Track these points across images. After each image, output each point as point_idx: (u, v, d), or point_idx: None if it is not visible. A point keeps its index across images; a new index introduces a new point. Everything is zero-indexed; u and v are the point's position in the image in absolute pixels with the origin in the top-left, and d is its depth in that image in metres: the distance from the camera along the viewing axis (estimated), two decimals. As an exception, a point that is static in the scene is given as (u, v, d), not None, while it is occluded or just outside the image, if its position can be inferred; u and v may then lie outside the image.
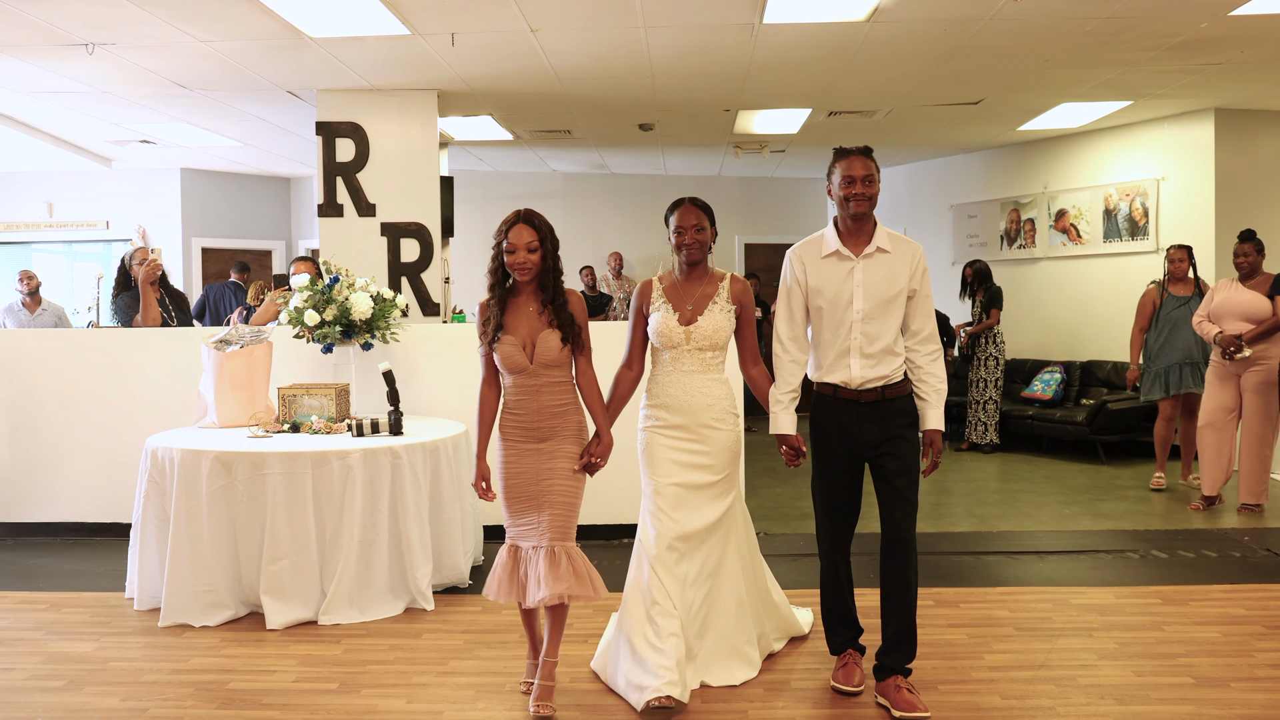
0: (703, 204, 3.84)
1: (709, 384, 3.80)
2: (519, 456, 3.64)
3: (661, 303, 3.82)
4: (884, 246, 3.62)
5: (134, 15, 5.49)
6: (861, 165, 3.59)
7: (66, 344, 6.55)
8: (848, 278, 3.61)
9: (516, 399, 3.64)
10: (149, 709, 3.74)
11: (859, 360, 3.60)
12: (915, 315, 3.66)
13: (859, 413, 3.62)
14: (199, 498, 4.76)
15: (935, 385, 3.66)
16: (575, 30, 5.95)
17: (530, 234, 3.56)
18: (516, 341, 3.58)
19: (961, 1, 5.49)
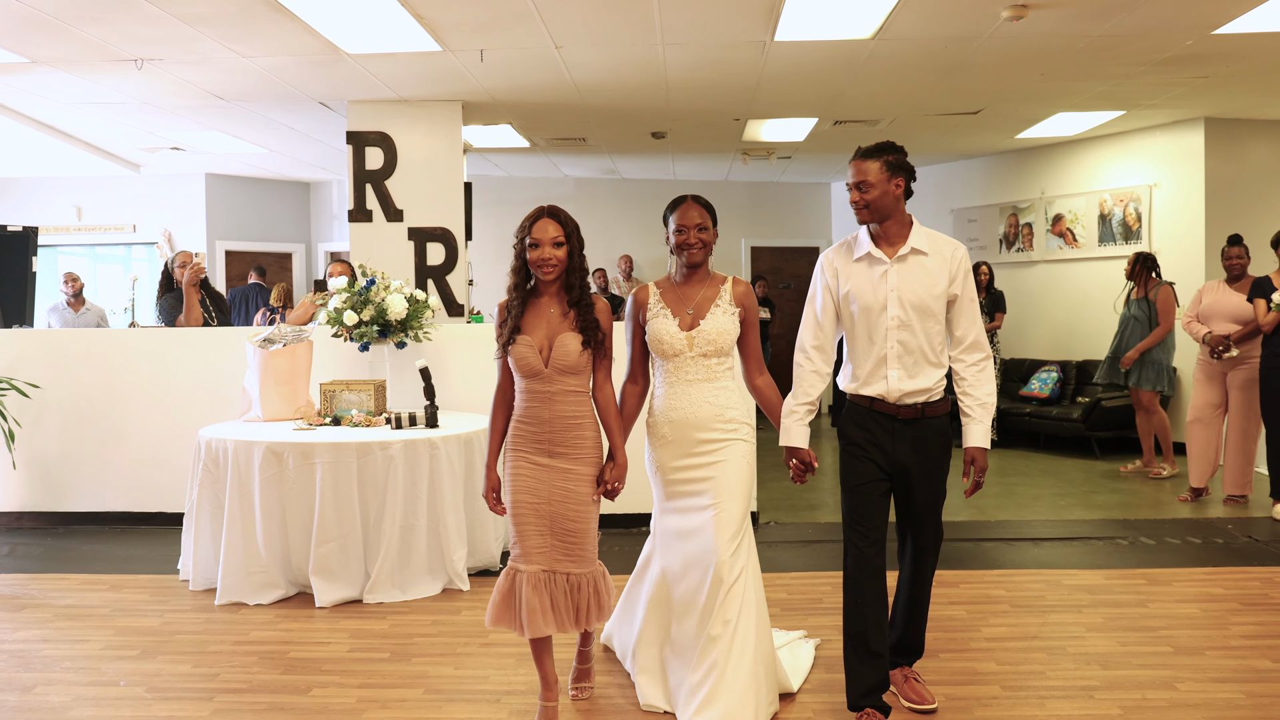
0: (705, 202, 3.59)
1: (717, 392, 3.53)
2: (529, 470, 3.41)
3: (659, 309, 3.57)
4: (920, 247, 3.35)
5: (185, 34, 5.85)
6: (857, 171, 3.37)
7: (113, 342, 6.91)
8: (881, 282, 3.35)
9: (528, 406, 3.42)
10: (220, 674, 4.09)
11: (896, 371, 3.34)
12: (958, 321, 3.39)
13: (895, 429, 3.38)
14: (252, 485, 5.12)
15: (980, 398, 3.39)
16: (597, 47, 6.31)
17: (556, 229, 3.37)
18: (533, 343, 3.37)
19: (961, 20, 5.85)
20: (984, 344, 3.41)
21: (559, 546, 3.39)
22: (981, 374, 3.40)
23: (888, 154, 3.35)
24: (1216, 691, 3.70)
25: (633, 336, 3.66)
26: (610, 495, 3.48)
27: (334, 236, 12.70)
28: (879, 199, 3.34)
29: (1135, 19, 5.80)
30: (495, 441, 3.52)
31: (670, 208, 3.62)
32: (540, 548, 3.39)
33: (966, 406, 3.40)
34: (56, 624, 4.76)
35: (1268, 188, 9.03)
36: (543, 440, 3.40)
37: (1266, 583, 5.08)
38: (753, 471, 3.58)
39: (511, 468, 3.44)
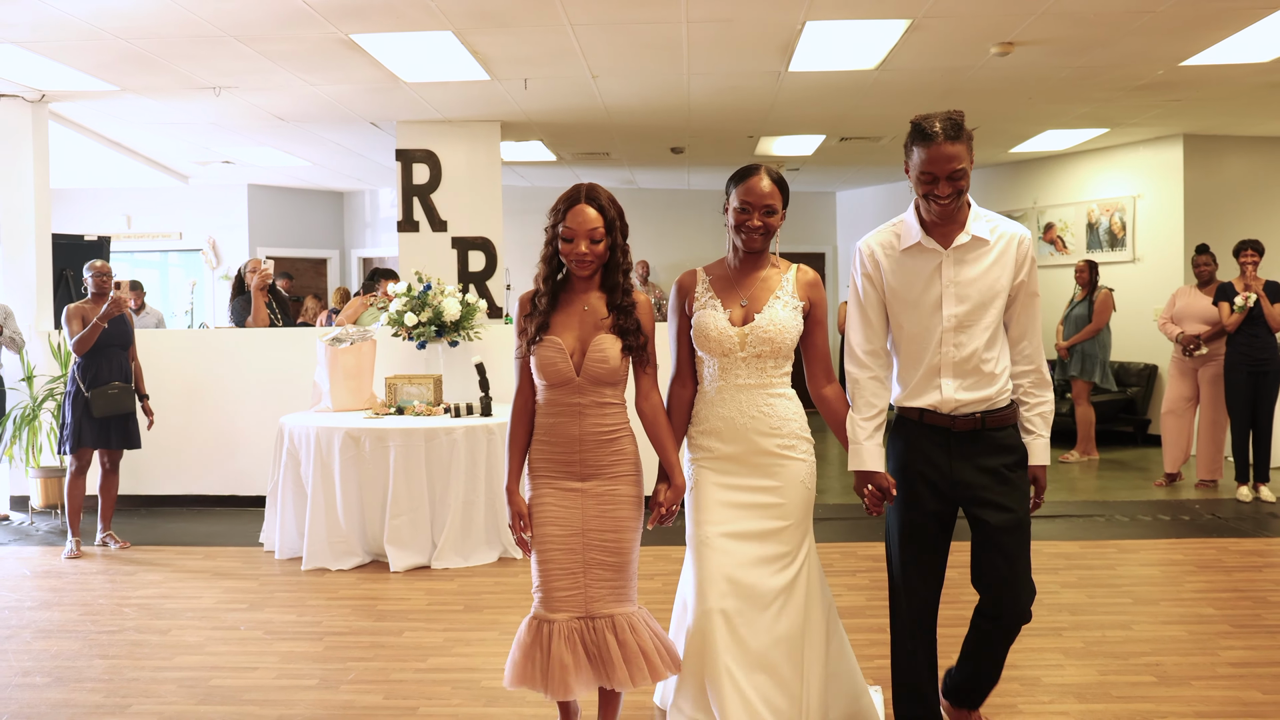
0: (779, 177, 3.01)
1: (772, 401, 2.99)
2: (555, 500, 2.92)
3: (708, 298, 3.02)
4: (981, 235, 2.85)
5: (263, 66, 6.58)
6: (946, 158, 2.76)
7: (190, 342, 7.65)
8: (934, 276, 2.86)
9: (553, 421, 2.92)
10: (321, 621, 4.82)
11: (952, 381, 2.87)
12: (1017, 320, 2.93)
13: (950, 445, 2.88)
14: (333, 466, 5.85)
15: (1040, 409, 2.95)
16: (629, 76, 7.04)
17: (595, 219, 2.87)
18: (563, 345, 2.89)
19: (956, 54, 6.56)
20: (1040, 348, 2.98)
21: (594, 584, 2.89)
22: (1040, 383, 2.95)
23: (968, 130, 2.81)
24: (1165, 630, 4.42)
25: (679, 330, 3.09)
26: (665, 520, 3.01)
27: (366, 243, 13.42)
28: (968, 186, 2.80)
29: (1110, 53, 6.52)
30: (517, 459, 2.99)
31: (736, 177, 3.00)
32: (571, 592, 2.89)
33: (1025, 419, 2.95)
34: (169, 584, 5.49)
35: (1243, 199, 9.74)
36: (572, 462, 2.91)
37: (1221, 551, 5.79)
38: (814, 488, 3.05)
39: (535, 499, 2.94)
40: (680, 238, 13.24)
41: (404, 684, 3.98)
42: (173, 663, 4.27)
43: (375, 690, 3.91)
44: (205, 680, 4.04)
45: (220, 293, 12.08)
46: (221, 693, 3.91)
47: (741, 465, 3.00)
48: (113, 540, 6.36)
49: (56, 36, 5.86)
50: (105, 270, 6.28)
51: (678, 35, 6.03)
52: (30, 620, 4.88)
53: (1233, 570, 5.39)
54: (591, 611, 2.91)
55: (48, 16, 5.47)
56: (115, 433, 6.22)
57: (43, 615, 4.96)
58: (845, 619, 4.62)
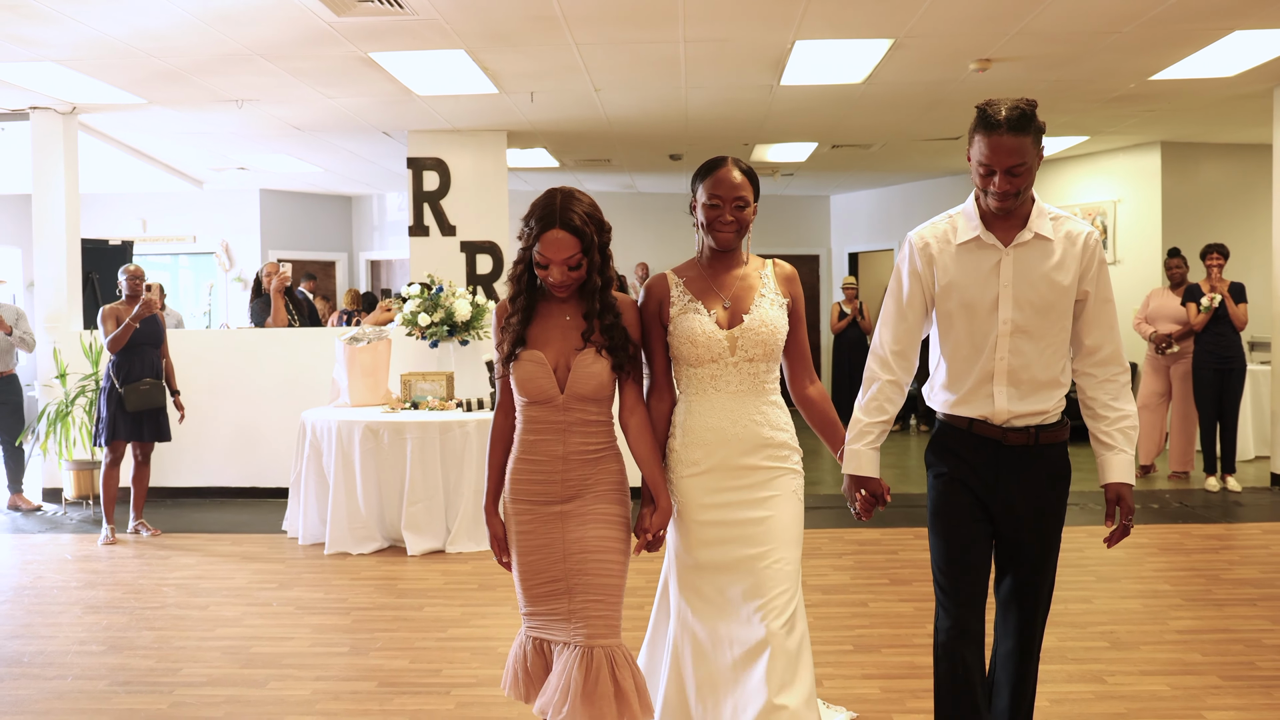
0: (747, 168, 2.80)
1: (764, 409, 2.80)
2: (537, 523, 2.71)
3: (686, 301, 2.80)
4: (1044, 232, 2.62)
5: (285, 81, 6.98)
6: (1007, 150, 2.52)
7: (214, 342, 8.05)
8: (992, 274, 2.64)
9: (535, 439, 2.71)
10: (346, 599, 5.22)
11: (1006, 390, 2.66)
12: (1091, 328, 2.68)
13: (999, 458, 2.68)
14: (353, 457, 6.25)
15: (1121, 423, 2.68)
16: (631, 90, 7.44)
17: (570, 244, 2.61)
18: (544, 361, 2.68)
19: (938, 69, 6.97)
20: (1122, 356, 2.72)
21: (579, 612, 2.69)
22: (1120, 394, 2.69)
23: (1036, 123, 2.54)
24: (1122, 603, 4.82)
25: (652, 339, 2.86)
26: (652, 546, 2.79)
27: (374, 246, 13.83)
28: (1031, 183, 2.57)
29: (1082, 68, 6.93)
30: (495, 479, 2.81)
31: (702, 171, 2.81)
32: (554, 616, 2.72)
33: (1103, 433, 2.69)
34: (202, 567, 5.89)
35: (1218, 204, 10.15)
36: (554, 482, 2.69)
37: (1184, 535, 6.20)
38: (802, 509, 2.83)
39: (516, 521, 2.74)
40: (679, 240, 13.60)
41: (427, 650, 4.38)
42: (214, 634, 4.67)
43: (401, 656, 4.31)
44: (246, 648, 4.44)
45: (234, 295, 12.50)
46: (262, 658, 4.31)
47: (730, 479, 2.76)
48: (144, 528, 6.76)
49: (94, 55, 6.26)
50: (139, 273, 6.68)
51: (676, 53, 6.44)
52: (78, 598, 5.29)
53: (1192, 552, 5.80)
54: (575, 640, 2.68)
55: (88, 37, 5.87)
56: (148, 426, 6.61)
57: (89, 594, 5.37)
58: (830, 594, 5.05)
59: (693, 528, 2.78)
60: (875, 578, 5.35)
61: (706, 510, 2.77)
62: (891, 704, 3.67)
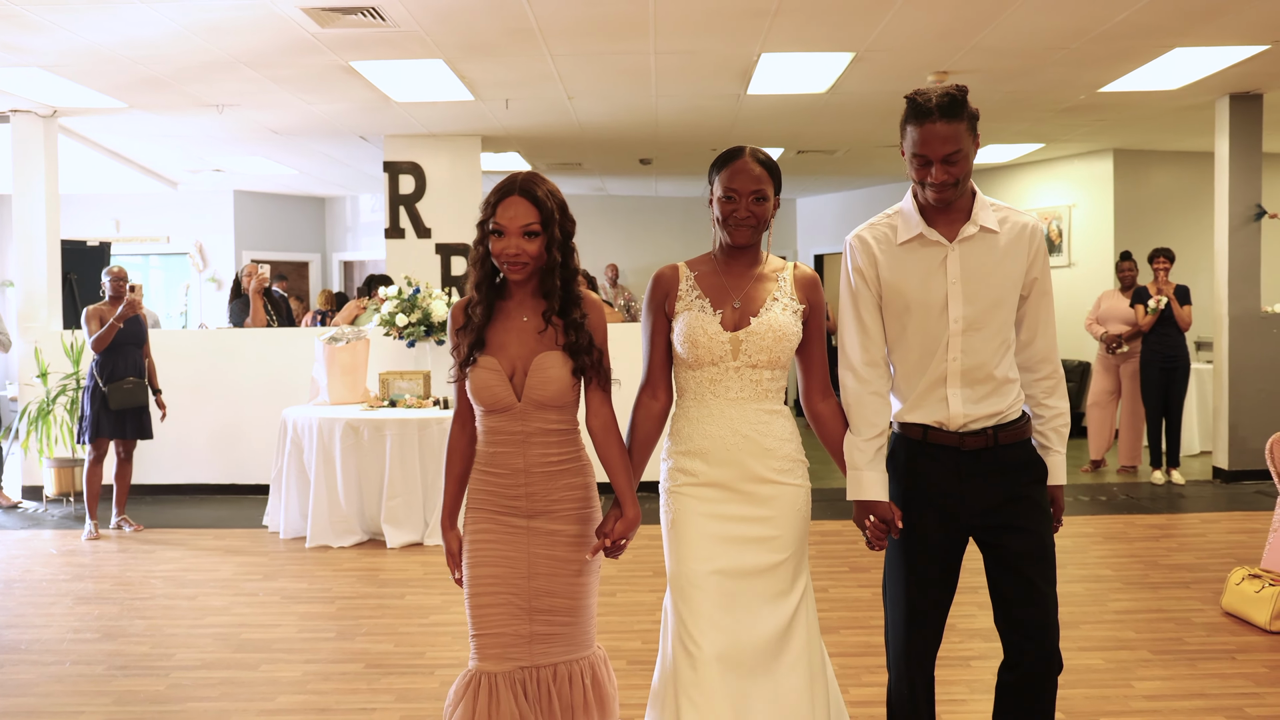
0: (767, 160, 2.65)
1: (767, 419, 2.63)
2: (497, 538, 2.55)
3: (694, 297, 2.65)
4: (989, 225, 2.53)
5: (266, 88, 7.16)
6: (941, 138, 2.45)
7: (193, 342, 8.21)
8: (938, 272, 2.54)
9: (494, 451, 2.56)
10: (330, 589, 5.43)
11: (960, 391, 2.54)
12: (1028, 320, 2.60)
13: (960, 465, 2.55)
14: (334, 453, 6.45)
15: (1055, 422, 2.63)
16: (602, 98, 7.69)
17: (529, 211, 2.48)
18: (500, 366, 2.53)
19: (898, 80, 7.25)
20: (1055, 352, 2.65)
21: (542, 634, 2.54)
22: (1055, 392, 2.63)
23: (968, 109, 2.50)
24: (1065, 587, 5.06)
25: (653, 332, 2.71)
26: (612, 553, 2.63)
27: (346, 247, 13.98)
28: (969, 171, 2.51)
29: (1035, 81, 7.25)
30: (452, 492, 2.68)
31: (720, 162, 2.66)
32: (513, 640, 2.53)
33: (1038, 433, 2.64)
34: (186, 560, 6.08)
35: (1168, 209, 10.54)
36: (517, 495, 2.54)
37: (1128, 525, 6.54)
38: (809, 515, 2.70)
39: (474, 533, 2.58)
40: (648, 242, 13.91)
41: (410, 635, 4.60)
42: (204, 621, 4.87)
43: (386, 640, 4.53)
44: (236, 635, 4.65)
45: (208, 295, 12.62)
46: (253, 644, 4.51)
47: (730, 491, 2.60)
48: (127, 524, 6.92)
49: (80, 61, 6.42)
50: (122, 275, 6.84)
51: (647, 64, 6.69)
52: (68, 590, 5.46)
53: (1135, 541, 6.13)
54: (535, 662, 2.54)
55: (76, 45, 6.04)
56: (130, 424, 6.78)
57: (78, 586, 5.54)
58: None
59: (691, 541, 2.60)
60: (836, 566, 5.62)
61: (705, 523, 2.60)
62: (848, 679, 3.93)
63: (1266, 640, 4.34)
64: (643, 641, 4.40)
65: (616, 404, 2.64)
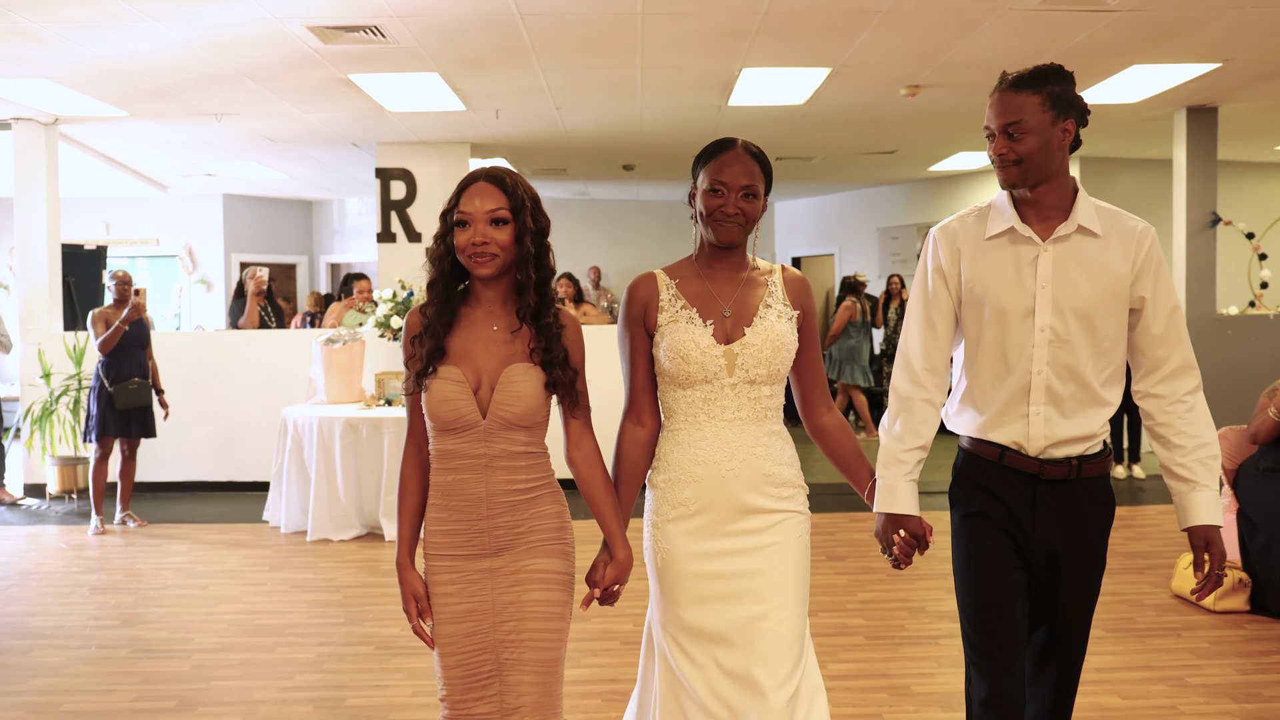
0: (758, 152, 2.47)
1: (766, 440, 2.40)
2: (461, 583, 2.28)
3: (679, 308, 2.41)
4: (1089, 225, 2.31)
5: (265, 98, 7.42)
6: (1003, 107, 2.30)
7: (192, 343, 8.48)
8: (1027, 273, 2.32)
9: (452, 479, 2.26)
10: (335, 578, 5.71)
11: (1044, 409, 2.31)
12: (1154, 337, 2.33)
13: (1037, 495, 2.33)
14: (333, 450, 6.72)
15: (1200, 453, 2.31)
16: (589, 109, 8.00)
17: (495, 197, 2.23)
18: (463, 378, 2.24)
19: (872, 94, 7.60)
20: (1194, 370, 2.36)
21: (511, 691, 2.26)
22: (1194, 413, 2.33)
23: (1052, 83, 2.28)
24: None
25: (633, 350, 2.46)
26: (605, 600, 2.40)
27: (334, 249, 14.23)
28: (1038, 151, 2.27)
29: (1002, 94, 7.60)
30: (408, 525, 2.38)
31: (705, 154, 2.46)
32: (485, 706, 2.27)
33: (1179, 465, 2.32)
34: (194, 553, 6.34)
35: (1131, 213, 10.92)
36: (479, 531, 2.26)
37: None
38: (809, 558, 2.48)
39: (433, 586, 2.31)
40: (630, 245, 14.23)
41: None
42: (218, 609, 5.14)
43: (393, 625, 4.82)
44: (250, 620, 4.93)
45: (198, 297, 12.84)
46: (267, 629, 4.80)
47: (725, 523, 2.36)
48: (131, 519, 7.16)
49: (86, 73, 6.66)
50: (127, 279, 7.09)
51: (633, 78, 7.00)
52: (83, 581, 5.72)
53: (1095, 531, 6.49)
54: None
55: (84, 58, 6.28)
56: (135, 423, 7.03)
57: (92, 577, 5.80)
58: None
59: (682, 581, 2.36)
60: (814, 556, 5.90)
61: (697, 560, 2.36)
62: (825, 656, 4.23)
63: (1209, 619, 4.71)
64: (634, 624, 4.70)
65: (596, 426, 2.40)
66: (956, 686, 3.96)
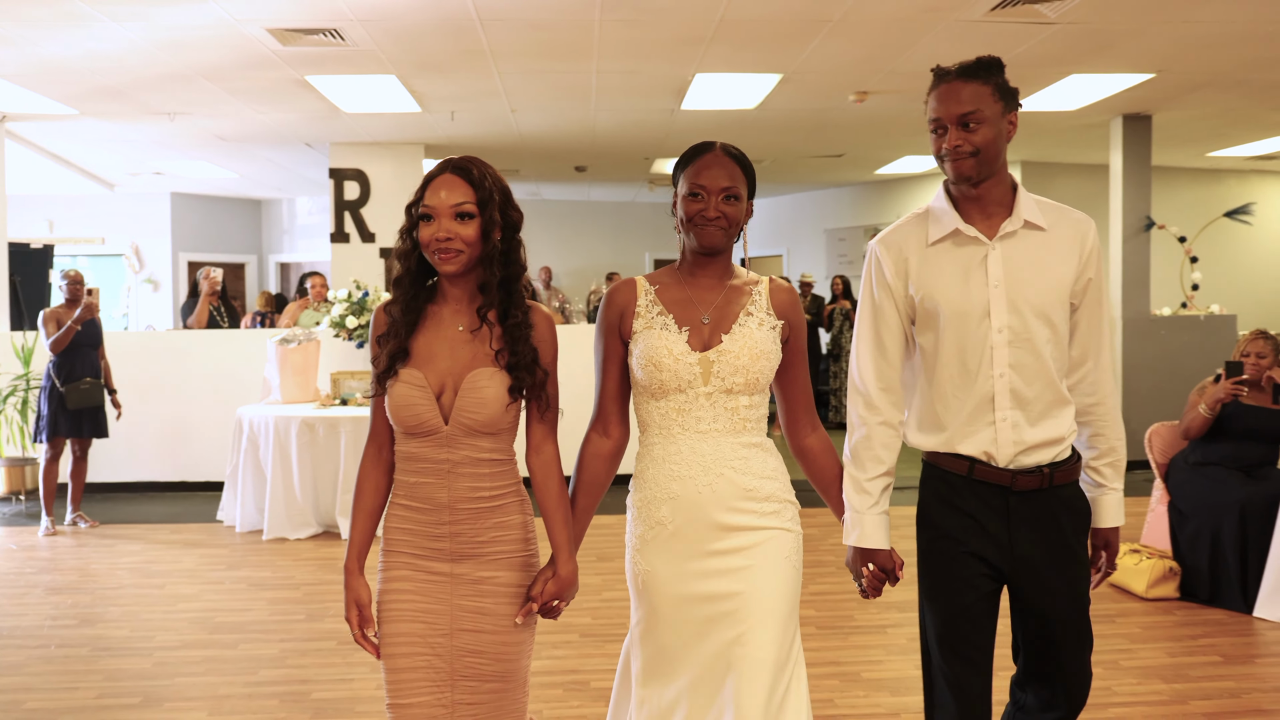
0: (738, 154, 2.37)
1: (746, 454, 2.29)
2: (416, 587, 2.21)
3: (655, 314, 2.34)
4: (1034, 220, 2.27)
5: (220, 98, 7.42)
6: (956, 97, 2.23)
7: (143, 343, 8.43)
8: (977, 274, 2.26)
9: (415, 481, 2.20)
10: (294, 576, 5.75)
11: (1011, 414, 2.24)
12: (1078, 335, 2.31)
13: (1010, 508, 2.26)
14: (290, 449, 6.75)
15: (1110, 457, 2.33)
16: (544, 111, 8.09)
17: (461, 190, 2.15)
18: (426, 381, 2.17)
19: (820, 99, 7.79)
20: (1110, 374, 2.35)
21: (465, 702, 2.19)
22: (1110, 418, 2.32)
23: (997, 74, 2.25)
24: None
25: (606, 357, 2.39)
26: (549, 614, 2.29)
27: (283, 249, 14.15)
28: (993, 142, 2.21)
29: (947, 101, 7.82)
30: (360, 528, 2.29)
31: (686, 158, 2.37)
32: (434, 711, 2.18)
33: (1091, 466, 2.35)
34: (149, 553, 6.33)
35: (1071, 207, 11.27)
36: (440, 536, 2.19)
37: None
38: (800, 568, 2.33)
39: (389, 580, 2.24)
40: (580, 245, 14.33)
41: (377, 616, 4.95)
42: (177, 608, 5.17)
43: (355, 621, 4.88)
44: (211, 618, 4.96)
45: (146, 297, 12.71)
46: (228, 626, 4.83)
47: (705, 542, 2.25)
48: (83, 520, 7.12)
49: (38, 72, 6.63)
50: (79, 279, 7.04)
51: (588, 82, 7.11)
52: (37, 581, 5.70)
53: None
54: None
55: (39, 57, 6.25)
56: (87, 423, 6.99)
57: (47, 578, 5.78)
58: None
59: (660, 605, 2.26)
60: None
61: (676, 583, 2.25)
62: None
63: (1142, 606, 4.94)
64: (592, 618, 4.81)
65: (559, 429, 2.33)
66: (904, 672, 4.22)
